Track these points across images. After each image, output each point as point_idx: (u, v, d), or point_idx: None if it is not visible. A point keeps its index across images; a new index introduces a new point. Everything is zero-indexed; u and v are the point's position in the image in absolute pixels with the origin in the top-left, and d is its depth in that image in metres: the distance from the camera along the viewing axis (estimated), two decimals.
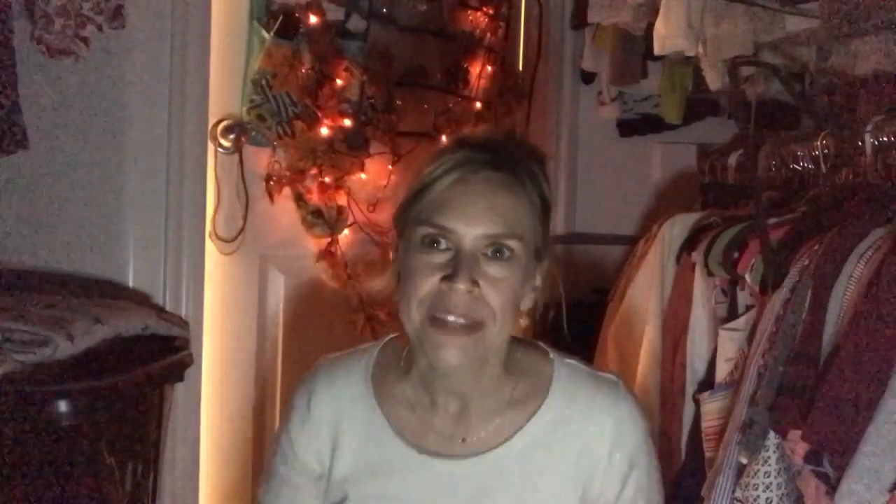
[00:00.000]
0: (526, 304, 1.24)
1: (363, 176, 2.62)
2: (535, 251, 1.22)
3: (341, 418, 1.28)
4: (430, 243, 1.17)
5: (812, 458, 1.37)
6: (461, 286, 1.14)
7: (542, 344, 1.32)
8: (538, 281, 1.25)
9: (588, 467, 1.23)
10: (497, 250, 1.17)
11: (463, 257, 1.15)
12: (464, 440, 1.25)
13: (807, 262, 1.57)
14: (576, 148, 3.14)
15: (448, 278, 1.15)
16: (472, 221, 1.16)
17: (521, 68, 3.21)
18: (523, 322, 1.25)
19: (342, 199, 2.57)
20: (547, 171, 1.25)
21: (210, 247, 2.33)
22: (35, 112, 1.95)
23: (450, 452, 1.24)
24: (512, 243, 1.17)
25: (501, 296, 1.17)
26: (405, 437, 1.25)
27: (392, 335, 1.33)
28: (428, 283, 1.16)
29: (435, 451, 1.24)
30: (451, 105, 2.86)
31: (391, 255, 1.27)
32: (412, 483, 1.24)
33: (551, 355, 1.29)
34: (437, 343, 1.16)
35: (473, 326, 1.16)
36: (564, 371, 1.27)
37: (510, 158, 1.21)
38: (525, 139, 1.31)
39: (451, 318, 1.15)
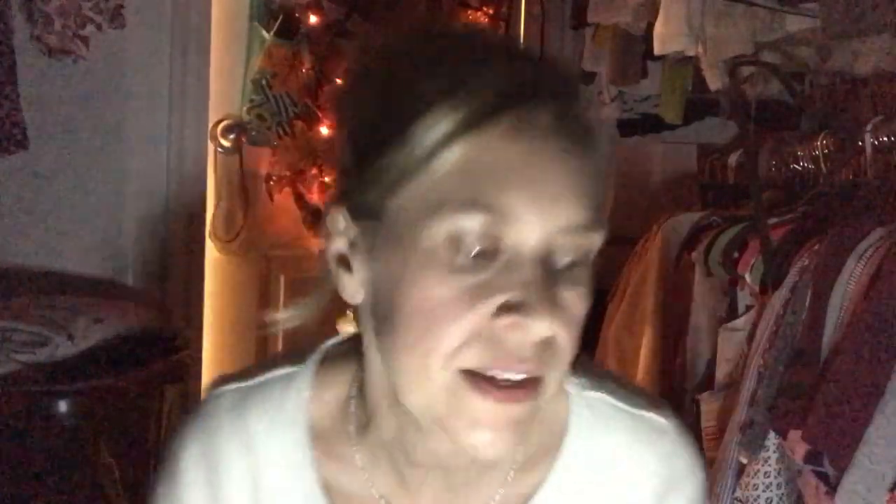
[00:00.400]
0: None
1: None
2: None
3: (261, 486, 0.78)
4: (482, 252, 0.64)
5: (812, 458, 1.37)
6: (542, 325, 0.63)
7: None
8: None
9: None
10: (574, 262, 0.66)
11: (538, 273, 0.64)
12: None
13: (807, 262, 1.57)
14: None
15: (515, 309, 0.63)
16: (547, 203, 0.64)
17: None
18: None
19: None
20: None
21: (210, 247, 2.33)
22: (35, 112, 1.95)
23: None
24: (600, 241, 0.68)
25: (573, 336, 0.67)
26: None
27: (325, 351, 0.83)
28: (466, 320, 0.63)
29: None
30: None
31: (331, 254, 0.77)
32: None
33: (570, 387, 0.79)
34: (478, 418, 0.66)
35: (532, 385, 0.66)
36: (585, 413, 0.79)
37: (572, 99, 0.68)
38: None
39: (507, 374, 0.65)
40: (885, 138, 1.64)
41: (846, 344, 1.37)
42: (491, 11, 3.01)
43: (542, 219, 0.63)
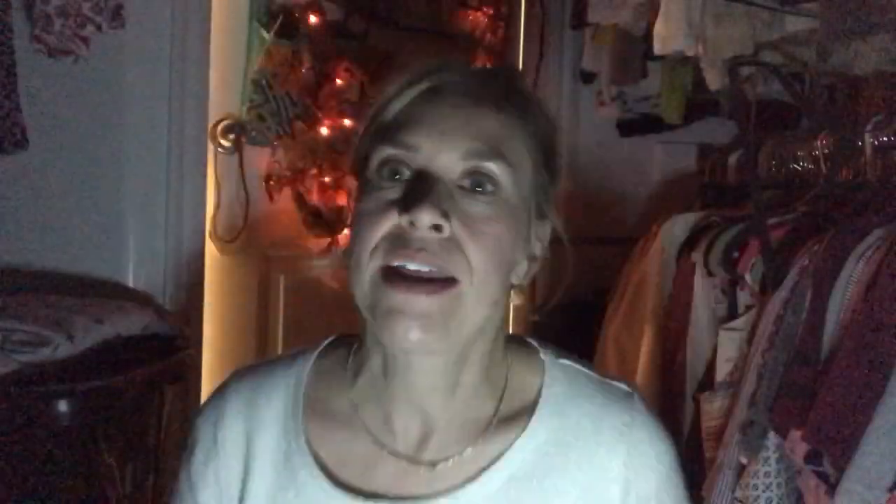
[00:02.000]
0: (519, 274, 0.91)
1: None
2: (534, 203, 0.91)
3: (254, 450, 0.92)
4: (390, 174, 0.86)
5: (812, 458, 1.37)
6: (426, 217, 0.81)
7: (530, 339, 0.98)
8: (537, 248, 0.93)
9: None
10: (477, 182, 0.85)
11: (429, 181, 0.84)
12: (434, 465, 0.90)
13: (807, 262, 1.57)
14: (576, 148, 3.14)
15: (406, 208, 0.82)
16: (444, 138, 0.85)
17: (521, 68, 3.21)
18: (516, 300, 0.93)
19: (342, 199, 2.57)
20: (554, 129, 0.94)
21: (210, 247, 2.33)
22: (35, 112, 1.96)
23: (407, 490, 0.89)
24: (498, 169, 0.85)
25: (481, 242, 0.83)
26: (340, 476, 0.90)
27: (337, 334, 1.01)
28: (382, 223, 0.83)
29: (384, 491, 0.89)
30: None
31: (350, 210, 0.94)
32: None
33: (542, 354, 0.95)
34: (390, 307, 0.82)
35: (443, 284, 0.82)
36: (559, 376, 0.93)
37: (502, 85, 0.92)
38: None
39: (412, 266, 0.82)
40: (885, 138, 1.64)
41: (846, 344, 1.37)
42: (491, 11, 3.01)
43: (436, 149, 0.85)
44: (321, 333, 1.00)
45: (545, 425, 0.91)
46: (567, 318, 2.10)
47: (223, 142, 2.34)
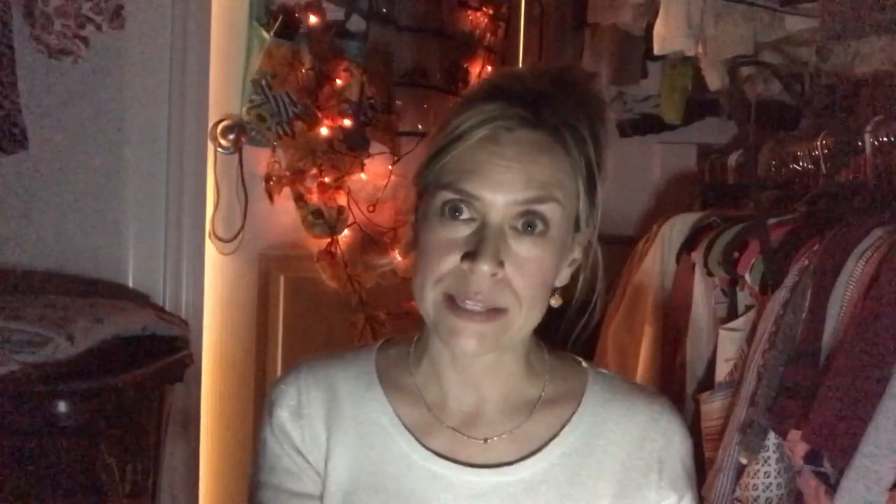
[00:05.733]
0: (561, 279, 1.07)
1: (363, 176, 2.62)
2: (575, 222, 1.05)
3: (337, 416, 1.09)
4: (452, 212, 1.00)
5: (812, 458, 1.37)
6: (484, 268, 0.97)
7: (572, 355, 1.16)
8: (576, 253, 1.08)
9: (632, 486, 1.06)
10: (529, 223, 0.99)
11: (489, 232, 0.98)
12: (486, 441, 1.07)
13: (807, 262, 1.57)
14: None
15: (469, 257, 0.98)
16: (502, 188, 0.99)
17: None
18: (554, 302, 1.07)
19: (342, 199, 2.57)
20: (600, 125, 1.05)
21: (210, 247, 2.33)
22: (35, 112, 1.96)
23: (466, 456, 1.06)
24: (547, 210, 1.00)
25: (529, 280, 1.00)
26: (416, 434, 1.07)
27: (388, 337, 1.18)
28: (446, 261, 0.99)
29: (442, 453, 1.06)
30: (451, 105, 2.86)
31: (410, 220, 1.10)
32: (422, 493, 1.05)
33: (584, 364, 1.14)
34: (452, 328, 1.00)
35: (494, 314, 1.00)
36: (600, 379, 1.12)
37: (553, 114, 1.02)
38: (580, 80, 1.08)
39: (469, 303, 0.99)
40: (885, 138, 1.64)
41: (846, 344, 1.37)
42: (491, 12, 3.01)
43: (494, 198, 0.99)
44: (321, 333, 1.14)
45: (590, 411, 1.08)
46: (567, 318, 2.10)
47: (223, 142, 2.33)
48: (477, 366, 1.07)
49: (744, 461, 1.54)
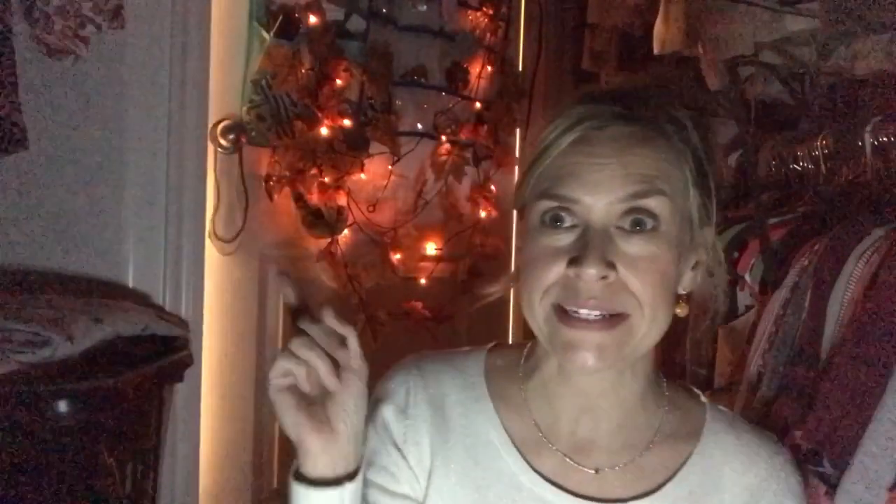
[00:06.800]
0: (685, 284, 0.99)
1: (363, 176, 2.62)
2: (689, 218, 0.96)
3: (443, 426, 1.03)
4: (553, 221, 0.94)
5: (812, 458, 1.37)
6: (592, 271, 0.90)
7: (689, 386, 1.11)
8: (702, 254, 0.99)
9: None
10: (636, 221, 0.92)
11: (592, 235, 0.92)
12: (597, 471, 0.99)
13: (807, 262, 1.57)
14: None
15: (575, 262, 0.91)
16: (599, 188, 0.92)
17: (521, 68, 3.21)
18: (681, 311, 0.99)
19: (342, 199, 2.57)
20: (700, 116, 0.98)
21: (210, 247, 2.33)
22: (35, 112, 1.95)
23: (575, 485, 0.99)
24: (654, 203, 0.92)
25: (647, 280, 0.92)
26: (525, 454, 1.00)
27: (494, 343, 1.11)
28: (552, 271, 0.93)
29: (558, 481, 0.99)
30: (451, 105, 2.87)
31: (518, 246, 1.04)
32: None
33: (702, 398, 1.08)
34: (568, 341, 0.93)
35: (614, 319, 0.92)
36: (720, 417, 1.05)
37: (647, 107, 0.96)
38: (670, 90, 1.02)
39: (583, 311, 0.92)
40: (885, 138, 1.64)
41: (846, 344, 1.37)
42: (491, 12, 3.01)
43: (594, 199, 0.92)
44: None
45: (709, 452, 1.02)
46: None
47: (223, 142, 2.33)
48: (594, 387, 0.99)
49: None
